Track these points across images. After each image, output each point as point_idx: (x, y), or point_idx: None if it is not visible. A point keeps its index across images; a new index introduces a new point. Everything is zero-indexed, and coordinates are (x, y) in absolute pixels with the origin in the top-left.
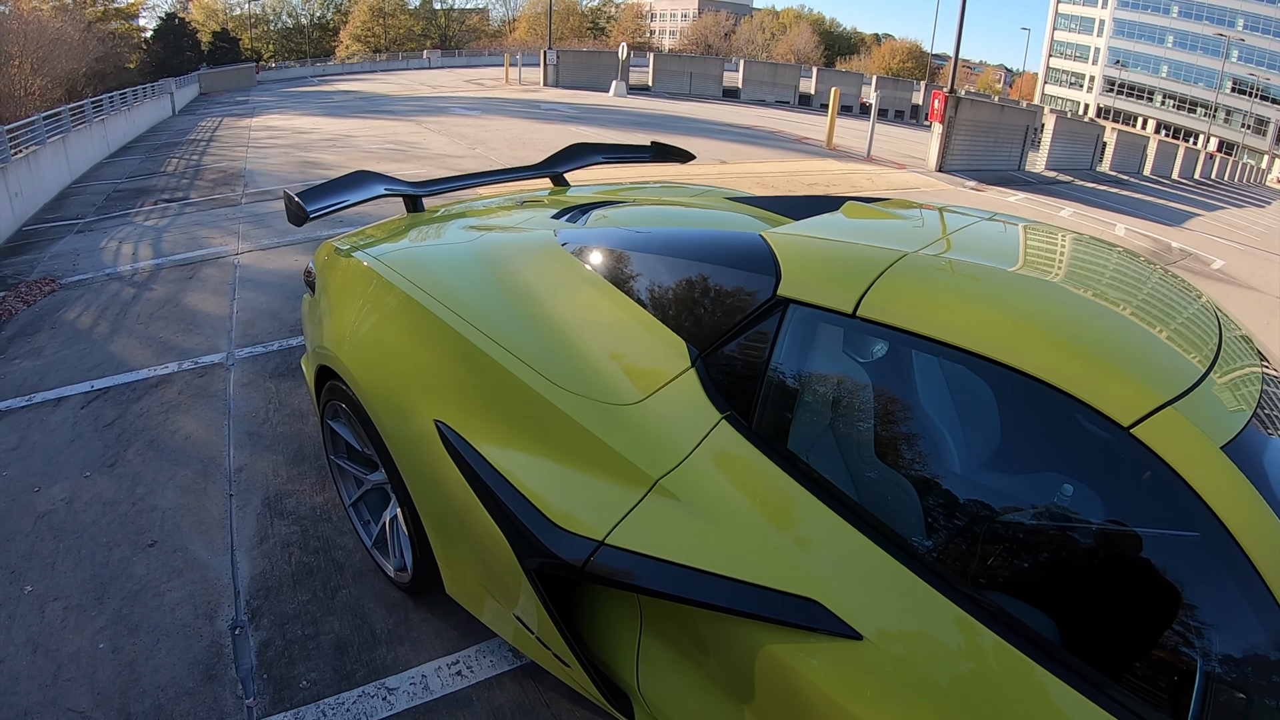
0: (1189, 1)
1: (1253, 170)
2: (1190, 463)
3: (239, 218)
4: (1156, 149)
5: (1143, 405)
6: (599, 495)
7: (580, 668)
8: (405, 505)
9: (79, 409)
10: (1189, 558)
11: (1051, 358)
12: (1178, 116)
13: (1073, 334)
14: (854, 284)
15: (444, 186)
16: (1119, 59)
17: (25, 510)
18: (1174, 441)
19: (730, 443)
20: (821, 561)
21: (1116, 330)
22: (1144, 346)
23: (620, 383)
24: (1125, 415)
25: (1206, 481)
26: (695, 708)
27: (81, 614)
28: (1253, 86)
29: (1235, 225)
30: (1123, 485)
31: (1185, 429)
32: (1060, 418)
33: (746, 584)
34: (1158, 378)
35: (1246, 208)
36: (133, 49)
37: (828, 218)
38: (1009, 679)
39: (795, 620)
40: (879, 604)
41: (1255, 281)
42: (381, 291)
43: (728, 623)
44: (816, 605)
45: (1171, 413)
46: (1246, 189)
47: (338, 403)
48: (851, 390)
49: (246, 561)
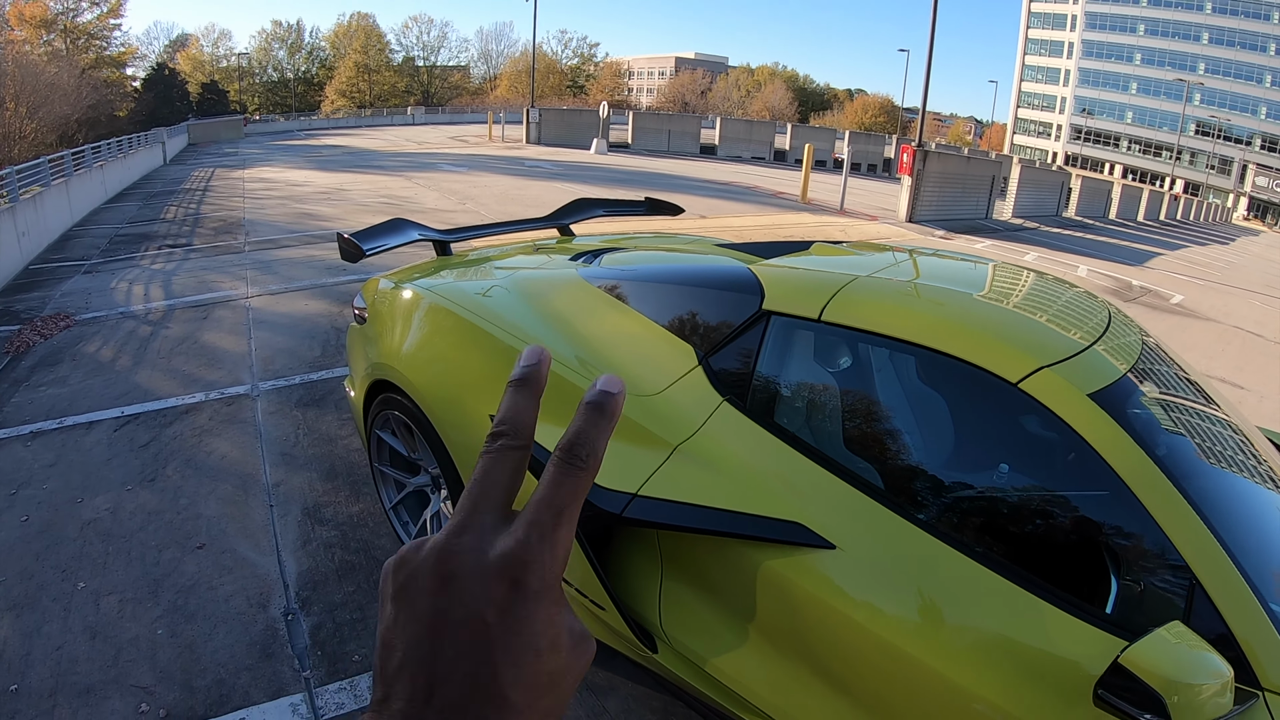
0: (1151, 49)
1: (1218, 209)
2: (1062, 405)
3: (245, 264)
4: (1121, 193)
5: (1026, 368)
6: (631, 460)
7: (615, 609)
8: (456, 494)
9: (112, 431)
10: (1070, 472)
11: (965, 341)
12: (1144, 161)
13: (980, 325)
14: (818, 298)
15: (468, 235)
16: (1085, 107)
17: (70, 518)
18: (1050, 391)
19: (730, 417)
20: (801, 495)
21: (1014, 322)
22: (1034, 332)
23: (645, 378)
24: (1013, 375)
25: (1076, 418)
26: (708, 633)
27: (137, 605)
28: (1215, 128)
29: (1197, 262)
30: (1017, 425)
31: (1058, 383)
32: (971, 381)
33: (747, 514)
34: (1040, 351)
35: (1210, 245)
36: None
37: (800, 255)
38: (946, 568)
39: (784, 538)
40: (846, 522)
41: (1213, 313)
42: (438, 316)
43: (733, 551)
44: (799, 526)
45: (1048, 372)
46: (1212, 227)
47: (390, 412)
48: (818, 374)
49: (292, 560)
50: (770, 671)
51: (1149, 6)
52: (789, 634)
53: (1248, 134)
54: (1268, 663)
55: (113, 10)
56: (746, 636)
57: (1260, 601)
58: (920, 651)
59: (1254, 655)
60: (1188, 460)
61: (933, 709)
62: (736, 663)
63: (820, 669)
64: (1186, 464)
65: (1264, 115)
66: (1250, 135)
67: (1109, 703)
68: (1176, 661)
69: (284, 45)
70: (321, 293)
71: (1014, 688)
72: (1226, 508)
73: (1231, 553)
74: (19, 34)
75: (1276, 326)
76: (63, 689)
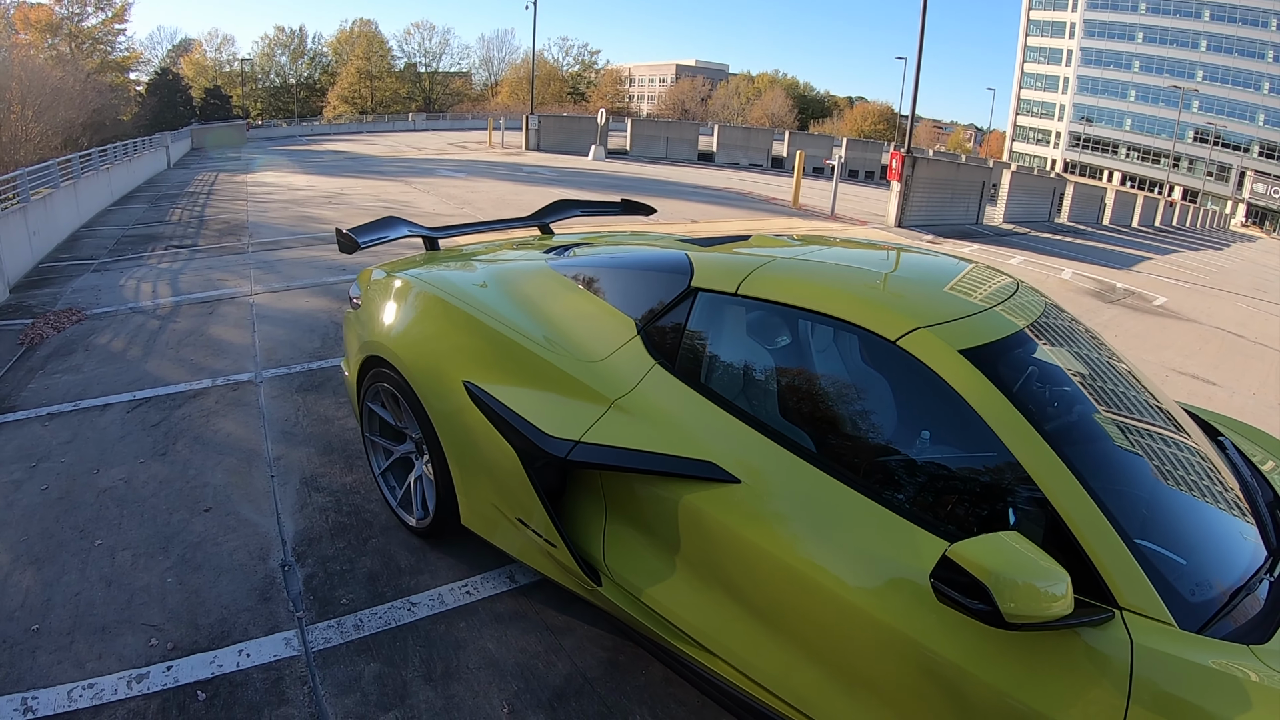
0: (1149, 56)
1: (1216, 216)
2: (934, 359)
3: (249, 264)
4: (1115, 199)
5: (904, 327)
6: (576, 414)
7: (564, 547)
8: (435, 454)
9: (125, 413)
10: (942, 417)
11: (854, 307)
12: (1142, 168)
13: (869, 293)
14: (736, 276)
15: (454, 232)
16: (1084, 115)
17: (87, 487)
18: (924, 348)
19: (660, 377)
20: (714, 440)
21: (901, 291)
22: (921, 300)
23: (593, 347)
24: (892, 333)
25: (946, 370)
26: (643, 566)
27: (149, 559)
28: (1213, 135)
29: (1186, 267)
30: (897, 375)
31: (932, 341)
32: (858, 340)
33: (669, 455)
34: (920, 314)
35: (1203, 250)
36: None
37: (738, 245)
38: (831, 496)
39: (699, 474)
40: (749, 460)
41: (1195, 315)
42: (423, 300)
43: (659, 489)
44: (711, 464)
45: (924, 331)
46: (1208, 234)
47: (379, 385)
48: (735, 340)
49: (290, 521)
50: (694, 597)
51: (1147, 14)
52: (706, 562)
53: (1246, 140)
54: (1124, 585)
55: (117, 15)
56: (674, 567)
57: (1118, 532)
58: (814, 572)
59: (1110, 578)
60: (1058, 411)
61: (831, 623)
62: (666, 591)
63: (734, 592)
64: (1056, 414)
65: (1262, 122)
66: (1248, 142)
67: (941, 592)
68: (1000, 557)
69: (287, 51)
70: (322, 290)
71: (889, 600)
72: (1093, 452)
73: (1091, 490)
74: (24, 38)
75: (1258, 328)
76: (80, 628)
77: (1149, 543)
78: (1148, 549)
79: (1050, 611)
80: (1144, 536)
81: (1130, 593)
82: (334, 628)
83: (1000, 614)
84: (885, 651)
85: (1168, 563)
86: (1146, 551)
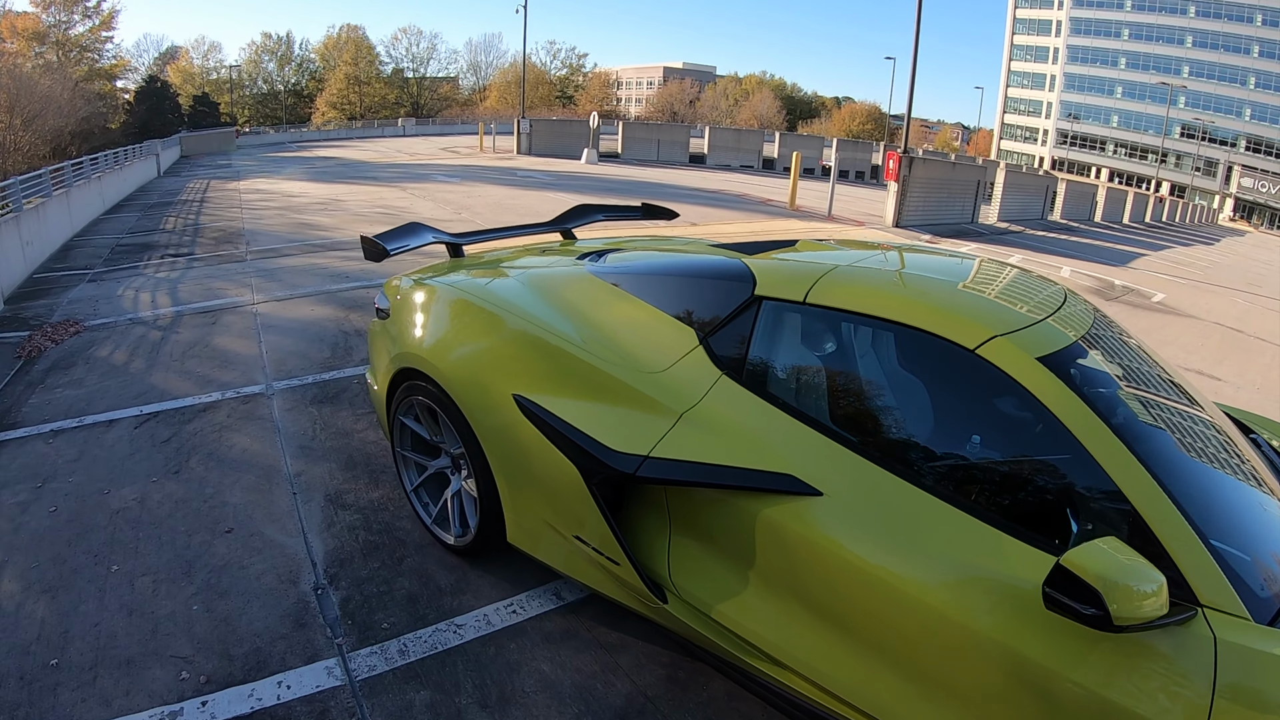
0: (1136, 53)
1: (1204, 210)
2: (1013, 367)
3: (249, 273)
4: (1106, 196)
5: (981, 336)
6: (640, 427)
7: (629, 564)
8: (480, 470)
9: (133, 429)
10: (1022, 425)
11: (930, 316)
12: (1130, 164)
13: (943, 302)
14: (803, 284)
15: (477, 238)
16: (1071, 112)
17: (98, 508)
18: (1002, 356)
19: (728, 388)
20: (791, 451)
21: (973, 299)
22: (990, 308)
23: (652, 357)
24: (970, 341)
25: (1026, 378)
26: (712, 581)
27: (171, 585)
28: (1200, 130)
29: (1180, 262)
30: (976, 385)
31: (1010, 349)
32: (934, 348)
33: (745, 468)
34: (994, 322)
35: (1194, 246)
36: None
37: (787, 250)
38: (917, 507)
39: (778, 488)
40: (830, 472)
41: (1194, 311)
42: (462, 309)
43: (733, 503)
44: (791, 477)
45: (1002, 340)
46: (1198, 229)
47: (414, 398)
48: (805, 349)
49: (319, 541)
50: (768, 611)
51: (1133, 11)
52: (783, 575)
53: (1233, 135)
54: (1203, 583)
55: (105, 23)
56: (746, 581)
57: (1195, 532)
58: (900, 581)
59: (1191, 577)
60: (1129, 414)
61: (915, 633)
62: (738, 606)
63: (812, 604)
64: (1128, 417)
65: (1248, 117)
66: (1235, 137)
67: (1055, 600)
68: (1109, 563)
69: (274, 57)
70: (327, 298)
71: (975, 605)
72: (1167, 456)
73: (1169, 491)
74: (11, 46)
75: (1257, 323)
76: (103, 662)
77: (1218, 541)
78: (1218, 547)
79: (1151, 613)
80: (1214, 535)
81: (1209, 590)
82: (377, 654)
83: (1110, 618)
84: (971, 656)
85: (1236, 559)
86: (1218, 549)
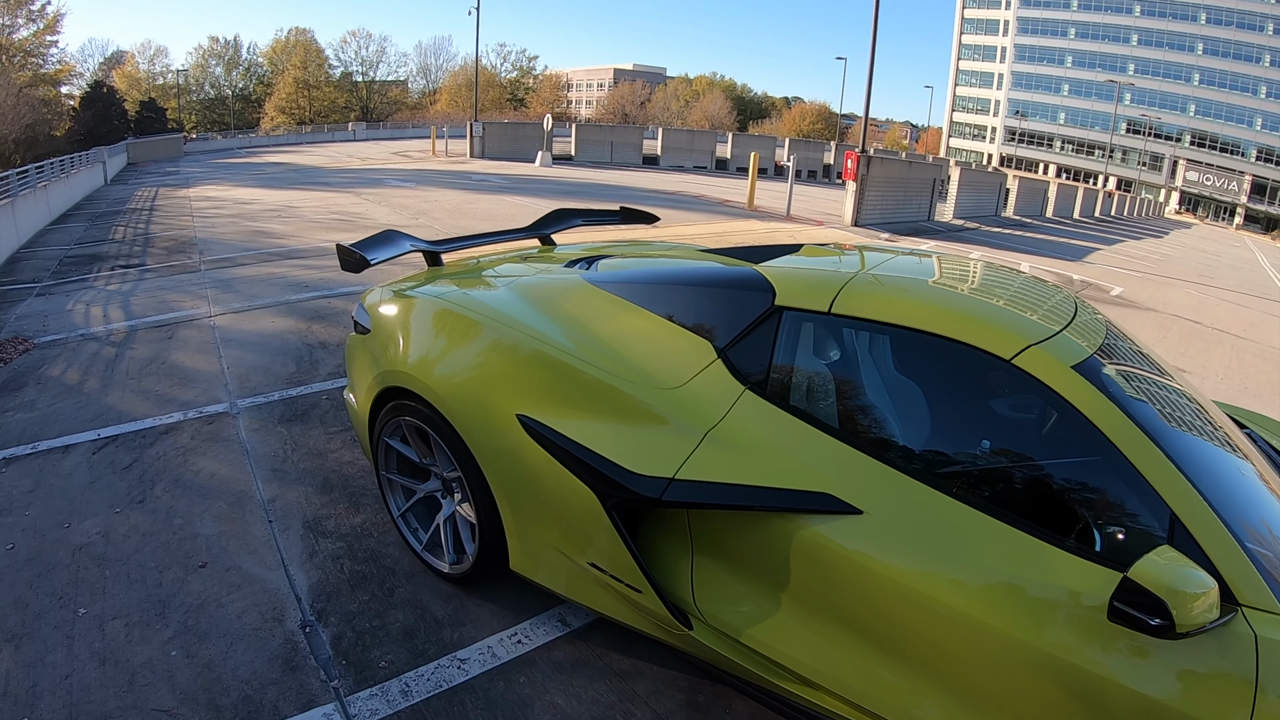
0: (1082, 51)
1: (1151, 204)
2: (1050, 376)
3: (204, 283)
4: (1057, 192)
5: (1017, 345)
6: (661, 448)
7: (651, 590)
8: (479, 495)
9: (91, 455)
10: (1060, 434)
11: (960, 326)
12: (1077, 160)
13: (971, 311)
14: (826, 294)
15: (454, 245)
16: (1018, 109)
17: (60, 544)
18: (1039, 365)
19: (753, 404)
20: (825, 468)
21: (1001, 308)
22: (1020, 315)
23: (665, 372)
24: (1006, 351)
25: (1062, 386)
26: (743, 606)
27: (145, 628)
28: (1146, 126)
29: (1133, 256)
30: (1009, 393)
31: (1045, 358)
32: (967, 358)
33: (780, 489)
34: (1026, 331)
35: (1145, 239)
36: (60, 116)
37: (795, 257)
38: (961, 522)
39: (816, 508)
40: (869, 489)
41: (1152, 304)
42: (452, 322)
43: (765, 524)
44: (829, 496)
45: (1037, 349)
46: (1146, 222)
47: (401, 419)
48: (831, 361)
49: (301, 573)
50: (805, 634)
51: (1079, 11)
52: (820, 596)
53: (1177, 131)
54: (1243, 584)
55: (49, 27)
56: (779, 603)
57: (1232, 534)
58: (945, 597)
59: (1231, 578)
60: (1157, 420)
61: (959, 648)
62: (770, 629)
63: (852, 624)
64: (1157, 423)
65: (1193, 112)
66: (1180, 132)
67: (1123, 614)
68: (1173, 574)
69: (221, 62)
70: (287, 309)
71: (1028, 619)
72: (1195, 460)
73: (1205, 496)
74: None
75: (1212, 313)
76: (78, 718)
77: (1249, 541)
78: (1250, 547)
79: (1208, 618)
80: (1245, 535)
81: (1249, 590)
82: (379, 696)
83: (1174, 626)
84: (1021, 667)
85: (1265, 558)
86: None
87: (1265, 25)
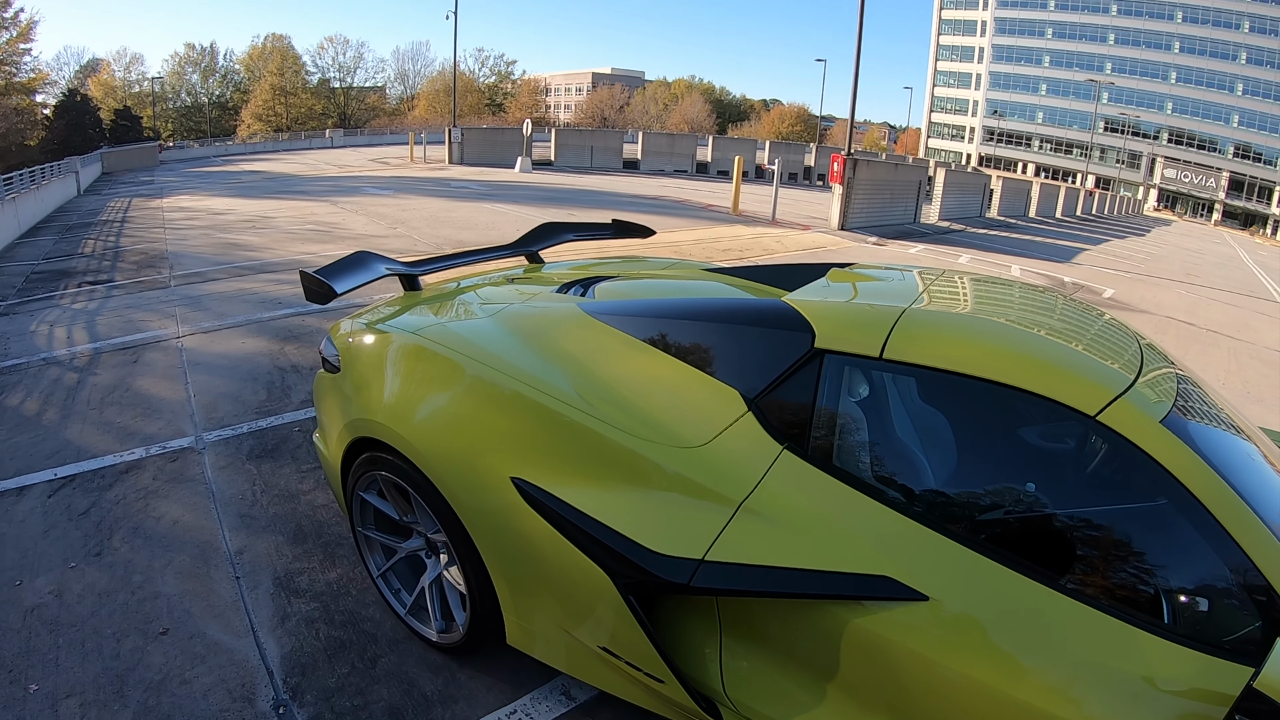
0: (1060, 51)
1: (1130, 202)
2: (1141, 434)
3: (173, 300)
4: (1040, 191)
5: (1103, 399)
6: (688, 521)
7: (676, 681)
8: (469, 563)
9: (46, 498)
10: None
11: (1038, 375)
12: (1056, 159)
13: (1044, 356)
14: (876, 334)
15: (433, 267)
16: (996, 109)
17: (10, 605)
18: (1128, 421)
19: (793, 466)
20: (883, 546)
21: (1073, 351)
22: (1098, 361)
23: (685, 427)
24: (1091, 406)
25: (1152, 445)
26: (782, 697)
27: (102, 709)
28: (1124, 125)
29: (1119, 255)
30: (1091, 452)
31: (1134, 412)
32: (1046, 415)
33: (830, 573)
34: (1111, 381)
35: (1128, 238)
36: (34, 125)
37: (824, 283)
38: (1045, 607)
39: (874, 594)
40: (934, 570)
41: (1145, 305)
42: (431, 364)
43: (811, 610)
44: (888, 580)
45: (1123, 402)
46: (1126, 220)
47: (376, 472)
48: (884, 415)
49: (272, 641)
50: None
51: (1056, 11)
52: (877, 690)
53: (1155, 129)
54: None
55: (22, 35)
56: (824, 695)
57: None
58: (1029, 695)
59: None
60: (1241, 475)
61: None
62: None
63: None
64: (1242, 479)
65: (1170, 110)
66: (1158, 130)
67: None
68: None
69: (197, 69)
70: (258, 329)
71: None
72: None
73: None
74: None
75: (1204, 314)
76: None
77: None
78: None
79: None
80: None
81: None
82: None
83: None
84: None
85: None
86: None
87: (1241, 24)
